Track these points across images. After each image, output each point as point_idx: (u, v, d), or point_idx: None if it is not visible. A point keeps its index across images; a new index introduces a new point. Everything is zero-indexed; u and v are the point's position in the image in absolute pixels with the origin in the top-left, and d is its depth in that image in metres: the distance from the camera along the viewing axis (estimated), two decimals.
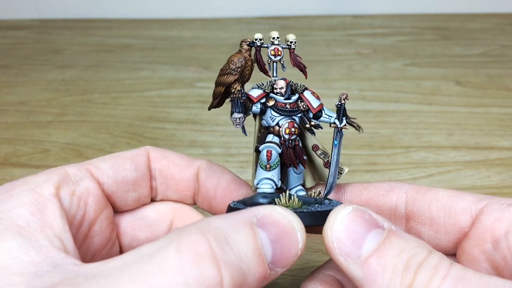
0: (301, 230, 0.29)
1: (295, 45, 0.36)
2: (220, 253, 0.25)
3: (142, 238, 0.37)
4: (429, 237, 0.35)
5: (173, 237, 0.25)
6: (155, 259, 0.24)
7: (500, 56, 0.91)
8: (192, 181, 0.38)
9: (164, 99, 0.79)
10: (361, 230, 0.28)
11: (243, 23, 1.09)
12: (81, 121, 0.74)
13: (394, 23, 1.06)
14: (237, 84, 0.34)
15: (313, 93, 0.36)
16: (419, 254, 0.27)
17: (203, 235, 0.25)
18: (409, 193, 0.36)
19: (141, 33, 1.05)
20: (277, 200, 0.33)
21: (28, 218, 0.28)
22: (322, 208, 0.32)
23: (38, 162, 0.64)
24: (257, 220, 0.28)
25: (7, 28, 1.09)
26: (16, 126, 0.73)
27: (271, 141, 0.35)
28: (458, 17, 1.07)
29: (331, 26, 1.04)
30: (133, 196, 0.37)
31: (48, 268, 0.25)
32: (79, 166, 0.34)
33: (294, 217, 0.29)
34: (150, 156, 0.38)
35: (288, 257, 0.28)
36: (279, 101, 0.35)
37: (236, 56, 0.34)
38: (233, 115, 0.34)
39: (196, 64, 0.91)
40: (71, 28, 1.08)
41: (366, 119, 0.72)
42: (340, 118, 0.35)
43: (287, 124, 0.35)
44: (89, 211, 0.33)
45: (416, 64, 0.89)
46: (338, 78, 0.84)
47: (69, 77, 0.88)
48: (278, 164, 0.35)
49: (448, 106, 0.75)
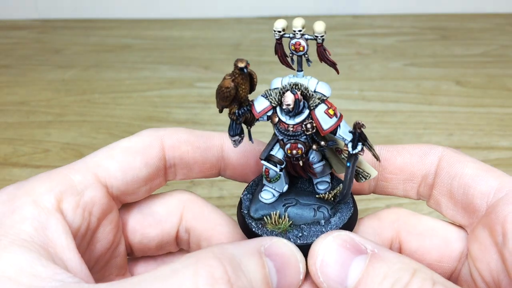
0: (302, 261, 0.31)
1: (322, 38, 0.30)
2: (235, 278, 0.26)
3: (153, 236, 0.37)
4: (447, 208, 0.35)
5: (190, 261, 0.26)
6: (172, 281, 0.25)
7: (500, 56, 0.91)
8: (217, 161, 0.38)
9: (164, 99, 0.79)
10: (344, 260, 0.29)
11: (243, 23, 1.09)
12: (81, 121, 0.74)
13: (394, 23, 1.06)
14: (233, 106, 0.32)
15: (328, 109, 0.31)
16: (402, 279, 0.27)
17: (219, 261, 0.26)
18: (440, 160, 0.35)
19: (141, 33, 1.05)
20: (266, 219, 0.34)
21: (32, 234, 0.27)
22: (301, 241, 0.32)
23: (38, 162, 0.64)
24: (265, 250, 0.29)
25: (7, 28, 1.09)
26: (16, 126, 0.73)
27: (273, 155, 0.33)
28: (458, 17, 1.07)
29: (331, 26, 1.04)
30: (145, 190, 0.36)
31: (56, 284, 0.25)
32: (85, 170, 0.33)
33: (297, 249, 0.31)
34: (164, 145, 0.36)
35: (291, 285, 0.30)
36: (282, 121, 0.32)
37: (226, 84, 0.31)
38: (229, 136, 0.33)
39: (196, 64, 0.91)
40: (71, 28, 1.08)
41: (366, 119, 0.72)
42: (354, 144, 0.30)
43: (289, 145, 0.32)
44: (93, 220, 0.32)
45: (416, 64, 0.89)
46: (338, 78, 0.84)
47: (69, 77, 0.88)
48: (279, 178, 0.34)
49: (448, 106, 0.75)
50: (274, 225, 0.33)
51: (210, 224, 0.37)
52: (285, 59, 0.32)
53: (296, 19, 0.30)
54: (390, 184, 0.37)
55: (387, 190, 0.37)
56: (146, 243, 0.37)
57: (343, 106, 0.76)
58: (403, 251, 0.36)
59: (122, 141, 0.35)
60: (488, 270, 0.32)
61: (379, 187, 0.37)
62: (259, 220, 0.34)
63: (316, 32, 0.30)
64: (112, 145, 0.35)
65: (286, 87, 0.31)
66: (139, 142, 0.35)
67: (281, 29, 0.31)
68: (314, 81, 0.32)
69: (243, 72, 0.31)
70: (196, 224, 0.37)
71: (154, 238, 0.37)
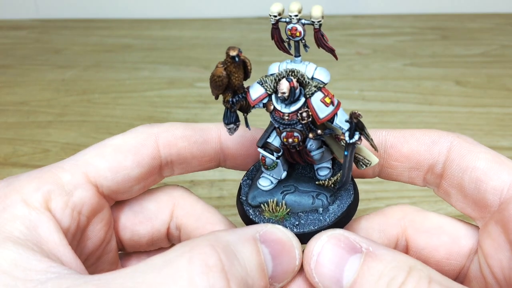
0: (299, 248, 0.30)
1: (320, 24, 0.29)
2: (229, 266, 0.26)
3: (143, 233, 0.37)
4: (457, 201, 0.34)
5: (184, 249, 0.26)
6: (167, 270, 0.25)
7: (500, 56, 0.91)
8: (216, 154, 0.37)
9: (164, 99, 0.79)
10: (339, 259, 0.29)
11: (243, 23, 1.09)
12: (81, 121, 0.74)
13: (394, 23, 1.06)
14: (226, 94, 0.31)
15: (325, 97, 0.30)
16: (397, 277, 0.27)
17: (213, 248, 0.26)
18: (450, 150, 0.34)
19: (141, 33, 1.05)
20: (263, 206, 0.33)
21: (25, 232, 0.27)
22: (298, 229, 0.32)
23: (38, 162, 0.64)
24: (260, 236, 0.29)
25: (7, 28, 1.09)
26: (16, 126, 0.73)
27: (270, 143, 0.33)
28: (458, 17, 1.07)
29: (331, 26, 1.04)
30: (138, 188, 0.35)
31: (52, 276, 0.25)
32: (75, 169, 0.32)
33: (293, 235, 0.31)
34: (159, 142, 0.35)
35: (287, 272, 0.30)
36: (277, 109, 0.31)
37: (218, 72, 0.30)
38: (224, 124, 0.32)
39: (196, 64, 0.91)
40: (71, 28, 1.08)
41: (366, 119, 0.72)
42: (351, 133, 0.29)
43: (285, 134, 0.31)
44: (83, 220, 0.32)
45: (416, 64, 0.89)
46: (338, 78, 0.84)
47: (69, 77, 0.88)
48: (276, 165, 0.34)
49: (448, 106, 0.75)
50: (271, 213, 0.33)
51: (201, 222, 0.36)
52: (282, 44, 0.31)
53: (293, 3, 0.29)
54: (395, 171, 0.36)
55: (392, 176, 0.37)
56: (137, 240, 0.37)
57: (343, 106, 0.76)
58: (410, 249, 0.35)
59: (114, 138, 0.35)
60: (500, 268, 0.31)
61: (383, 172, 0.37)
62: (257, 208, 0.34)
63: (313, 17, 0.29)
64: (104, 142, 0.34)
65: (282, 74, 0.30)
66: (132, 140, 0.34)
67: (276, 13, 0.29)
68: (312, 67, 0.31)
69: (235, 61, 0.30)
70: (186, 222, 0.36)
71: (145, 235, 0.37)
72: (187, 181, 0.60)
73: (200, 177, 0.61)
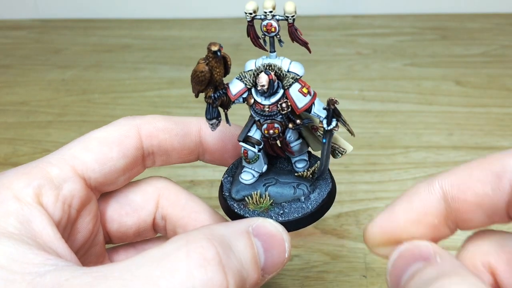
0: (288, 240, 0.31)
1: (293, 18, 0.31)
2: (226, 259, 0.26)
3: (130, 224, 0.37)
4: None
5: (181, 243, 0.26)
6: (165, 263, 0.25)
7: (500, 56, 0.91)
8: (196, 147, 0.38)
9: (164, 99, 0.79)
10: None
11: (243, 23, 1.08)
12: (81, 121, 0.74)
13: (394, 23, 1.06)
14: (208, 90, 0.32)
15: (302, 88, 0.32)
16: None
17: (210, 242, 0.26)
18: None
19: (141, 33, 1.05)
20: (247, 199, 0.34)
21: (19, 227, 0.27)
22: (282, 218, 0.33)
23: None
24: (253, 230, 0.30)
25: (7, 28, 1.09)
26: (16, 126, 0.73)
27: (251, 137, 0.34)
28: (458, 17, 1.07)
29: (331, 26, 1.04)
30: (123, 179, 0.36)
31: (49, 268, 0.25)
32: (62, 163, 0.32)
33: (283, 228, 0.31)
34: (141, 134, 0.36)
35: (277, 264, 0.30)
36: (257, 102, 0.32)
37: (200, 68, 0.31)
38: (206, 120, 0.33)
39: (196, 64, 0.91)
40: (71, 28, 1.08)
41: (366, 119, 0.72)
42: (329, 120, 0.31)
43: (266, 126, 0.33)
44: (72, 212, 0.32)
45: (416, 64, 0.89)
46: (338, 78, 0.84)
47: (69, 77, 0.88)
48: (257, 158, 0.35)
49: (448, 106, 0.75)
50: (256, 204, 0.34)
51: (186, 212, 0.37)
52: (258, 41, 0.32)
53: (266, 1, 0.31)
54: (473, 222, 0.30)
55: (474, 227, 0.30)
56: (123, 231, 0.37)
57: (343, 106, 0.76)
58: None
59: (98, 131, 0.35)
60: None
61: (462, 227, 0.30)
62: (241, 201, 0.35)
63: (287, 12, 0.31)
64: (87, 135, 0.35)
65: (260, 69, 0.32)
66: (115, 132, 0.35)
67: (252, 11, 0.31)
68: (287, 61, 0.32)
69: (216, 56, 0.31)
70: (172, 212, 0.37)
71: (132, 226, 0.37)
72: (187, 181, 0.60)
73: (200, 177, 0.61)
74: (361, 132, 0.69)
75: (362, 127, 0.70)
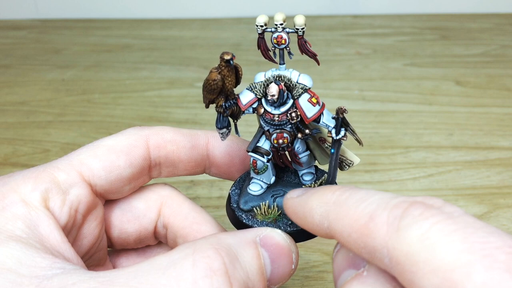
0: (296, 252, 0.31)
1: (303, 31, 0.32)
2: (232, 269, 0.26)
3: (131, 231, 0.37)
4: None
5: (187, 252, 0.26)
6: (171, 272, 0.25)
7: (500, 56, 0.91)
8: (202, 160, 0.38)
9: (164, 99, 0.79)
10: None
11: (243, 23, 1.09)
12: (81, 121, 0.74)
13: (394, 23, 1.06)
14: (219, 99, 0.33)
15: (311, 98, 0.32)
16: None
17: (217, 252, 0.26)
18: None
19: (141, 33, 1.05)
20: (255, 210, 0.35)
21: (26, 231, 0.28)
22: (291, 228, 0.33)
23: (38, 162, 0.64)
24: (260, 240, 0.30)
25: (7, 28, 1.09)
26: (16, 126, 0.73)
27: (260, 147, 0.34)
28: (458, 17, 1.07)
29: (331, 26, 1.04)
30: (128, 188, 0.36)
31: (57, 271, 0.25)
32: (69, 168, 0.33)
33: (290, 239, 0.31)
34: (149, 144, 0.36)
35: (283, 275, 0.30)
36: (267, 111, 0.33)
37: (212, 76, 0.32)
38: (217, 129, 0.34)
39: (196, 64, 0.91)
40: (71, 28, 1.08)
41: (366, 119, 0.72)
42: (338, 130, 0.31)
43: (275, 135, 0.33)
44: (79, 218, 0.32)
45: (416, 64, 0.89)
46: (338, 78, 0.84)
47: (69, 77, 0.88)
48: (266, 168, 0.35)
49: (448, 106, 0.75)
50: (264, 215, 0.34)
51: (188, 222, 0.37)
52: (268, 53, 0.33)
53: (278, 13, 0.32)
54: None
55: None
56: (124, 238, 0.37)
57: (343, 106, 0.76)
58: None
59: (106, 139, 0.35)
60: None
61: None
62: (249, 212, 0.35)
63: (297, 25, 0.31)
64: (96, 142, 0.35)
65: (270, 79, 0.32)
66: (124, 141, 0.35)
67: (263, 23, 0.32)
68: (296, 73, 0.33)
69: (229, 65, 0.31)
70: (173, 221, 0.37)
71: (133, 233, 0.37)
72: (187, 181, 0.60)
73: (201, 177, 0.61)
74: (361, 132, 0.69)
75: (362, 127, 0.70)
